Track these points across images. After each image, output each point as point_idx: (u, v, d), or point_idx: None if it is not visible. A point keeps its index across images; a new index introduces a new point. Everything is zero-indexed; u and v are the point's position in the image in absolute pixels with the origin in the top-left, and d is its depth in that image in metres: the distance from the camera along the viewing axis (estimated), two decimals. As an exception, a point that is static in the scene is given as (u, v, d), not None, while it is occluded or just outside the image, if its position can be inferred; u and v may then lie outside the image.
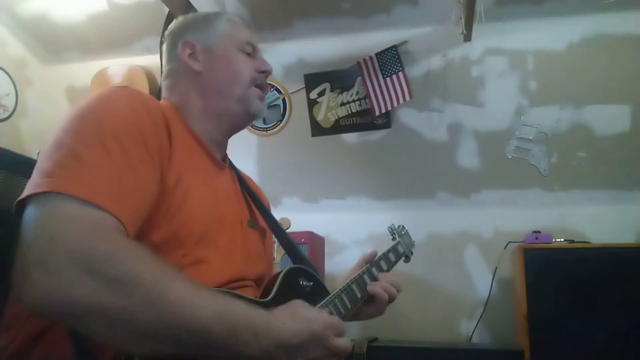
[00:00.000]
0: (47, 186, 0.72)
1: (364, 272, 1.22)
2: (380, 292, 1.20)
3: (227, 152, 1.21)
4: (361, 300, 1.18)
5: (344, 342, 0.86)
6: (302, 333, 0.79)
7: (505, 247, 2.58)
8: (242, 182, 1.20)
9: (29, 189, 0.74)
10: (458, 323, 2.68)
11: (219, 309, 0.73)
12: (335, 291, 1.10)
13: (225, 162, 1.16)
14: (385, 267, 1.33)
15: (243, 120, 1.14)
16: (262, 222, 1.21)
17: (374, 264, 1.28)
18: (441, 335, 2.64)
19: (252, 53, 1.14)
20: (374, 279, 1.24)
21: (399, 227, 1.57)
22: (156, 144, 0.88)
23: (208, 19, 1.16)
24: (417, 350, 2.29)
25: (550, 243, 2.36)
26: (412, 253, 1.55)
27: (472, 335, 2.61)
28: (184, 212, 0.90)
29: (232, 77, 1.10)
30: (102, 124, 0.82)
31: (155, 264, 0.73)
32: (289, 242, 1.23)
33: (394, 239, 1.51)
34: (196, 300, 0.72)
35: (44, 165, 0.76)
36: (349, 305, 1.11)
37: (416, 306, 2.69)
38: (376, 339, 2.41)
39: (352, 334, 2.61)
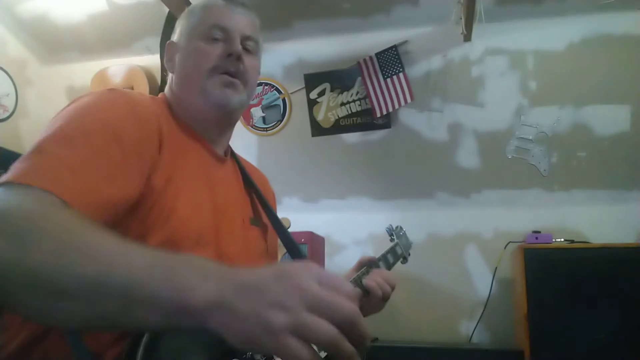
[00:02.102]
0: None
1: (362, 274, 1.21)
2: (375, 287, 1.15)
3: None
4: (359, 302, 1.17)
5: (332, 296, 0.54)
6: (267, 270, 0.56)
7: (505, 247, 2.57)
8: (246, 176, 1.18)
9: None
10: (458, 323, 2.67)
11: (154, 256, 0.58)
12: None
13: (226, 156, 1.14)
14: (383, 269, 1.32)
15: (211, 113, 1.05)
16: (265, 218, 1.19)
17: (372, 266, 1.26)
18: (441, 335, 2.64)
19: (221, 37, 1.06)
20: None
21: (396, 227, 1.56)
22: (135, 143, 0.86)
23: (187, 13, 1.13)
24: (417, 350, 2.29)
25: (550, 243, 2.36)
26: (409, 254, 1.55)
27: (472, 335, 2.61)
28: (177, 214, 0.88)
29: (191, 72, 1.05)
30: (74, 122, 0.82)
31: (74, 218, 0.63)
32: (290, 241, 1.22)
33: (392, 240, 1.51)
34: (121, 247, 0.59)
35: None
36: None
37: (416, 306, 2.68)
38: (376, 339, 2.41)
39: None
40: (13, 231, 0.59)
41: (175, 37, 1.13)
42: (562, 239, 2.41)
